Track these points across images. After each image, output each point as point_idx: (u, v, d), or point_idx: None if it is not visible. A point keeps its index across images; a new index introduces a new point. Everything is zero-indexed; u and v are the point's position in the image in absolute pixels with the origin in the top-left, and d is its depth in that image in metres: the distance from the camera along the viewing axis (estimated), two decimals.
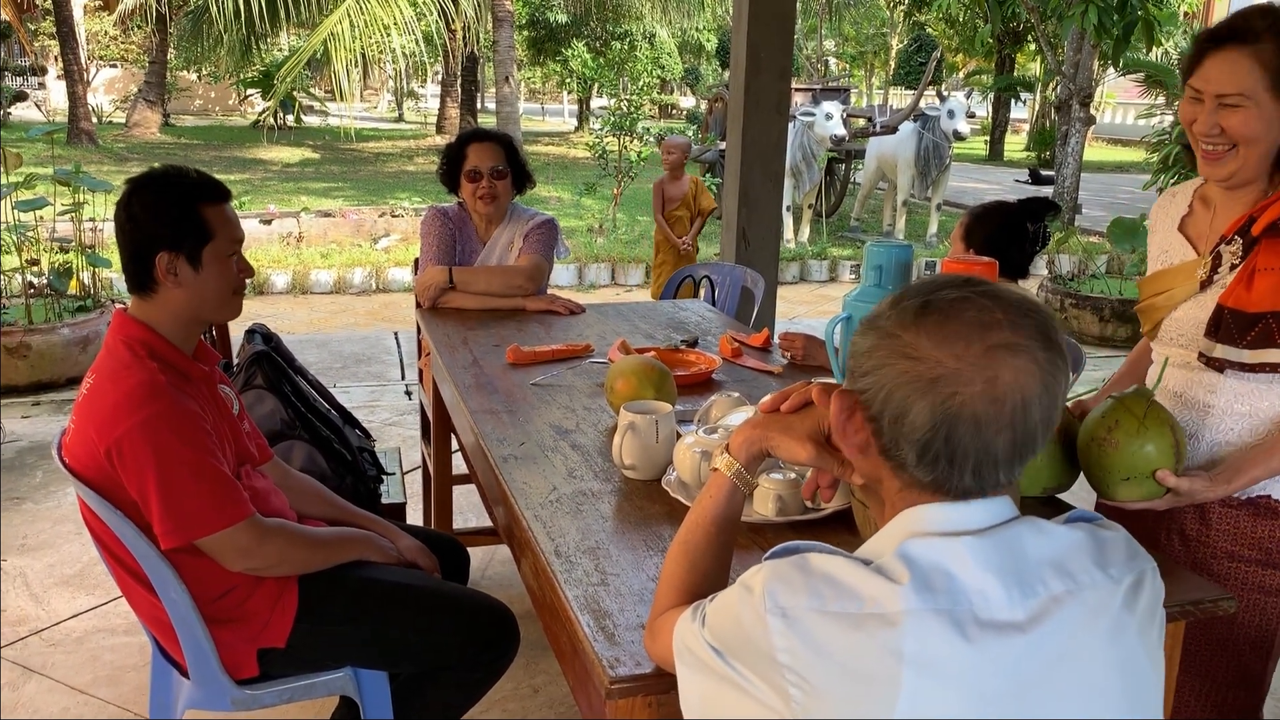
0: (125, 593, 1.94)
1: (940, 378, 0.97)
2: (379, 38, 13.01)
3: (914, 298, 1.03)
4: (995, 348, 0.97)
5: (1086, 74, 10.90)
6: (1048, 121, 20.61)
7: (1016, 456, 1.00)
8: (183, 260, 1.85)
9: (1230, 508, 1.74)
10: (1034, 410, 0.98)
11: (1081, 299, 6.83)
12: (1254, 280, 1.61)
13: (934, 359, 0.98)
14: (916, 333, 0.99)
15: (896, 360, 1.00)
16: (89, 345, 5.28)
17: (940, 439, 0.98)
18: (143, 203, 1.85)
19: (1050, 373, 0.98)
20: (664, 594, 1.25)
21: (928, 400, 0.98)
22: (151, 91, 19.37)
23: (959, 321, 0.98)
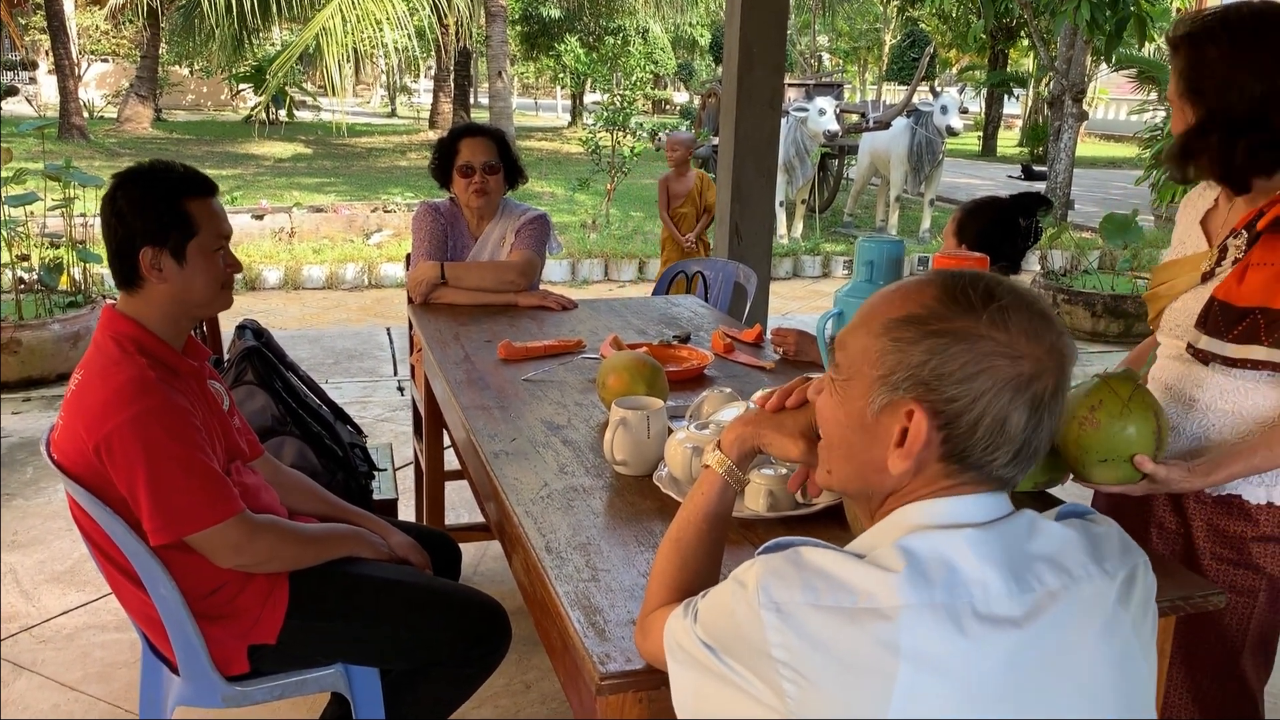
0: (115, 589, 1.94)
1: (1037, 374, 0.98)
2: (371, 32, 12.96)
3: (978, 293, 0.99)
4: (1061, 335, 1.01)
5: (1079, 70, 10.92)
6: (1040, 117, 20.64)
7: (1046, 447, 1.04)
8: (166, 255, 1.85)
9: (1203, 504, 1.74)
10: (1062, 401, 1.02)
11: (1074, 294, 6.84)
12: (1246, 275, 1.61)
13: (1028, 353, 0.98)
14: (1018, 330, 0.98)
15: (998, 360, 0.97)
16: (80, 341, 5.26)
17: (1032, 434, 0.99)
18: (127, 197, 1.84)
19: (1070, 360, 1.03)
20: (655, 591, 1.25)
21: (1023, 396, 0.98)
22: (143, 86, 19.29)
23: (1037, 312, 1.00)
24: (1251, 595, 1.72)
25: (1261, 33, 1.59)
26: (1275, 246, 1.59)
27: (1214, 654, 1.76)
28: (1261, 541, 1.71)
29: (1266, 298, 1.58)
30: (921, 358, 0.98)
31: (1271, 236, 1.60)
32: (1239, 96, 1.58)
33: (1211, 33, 1.61)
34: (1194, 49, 1.62)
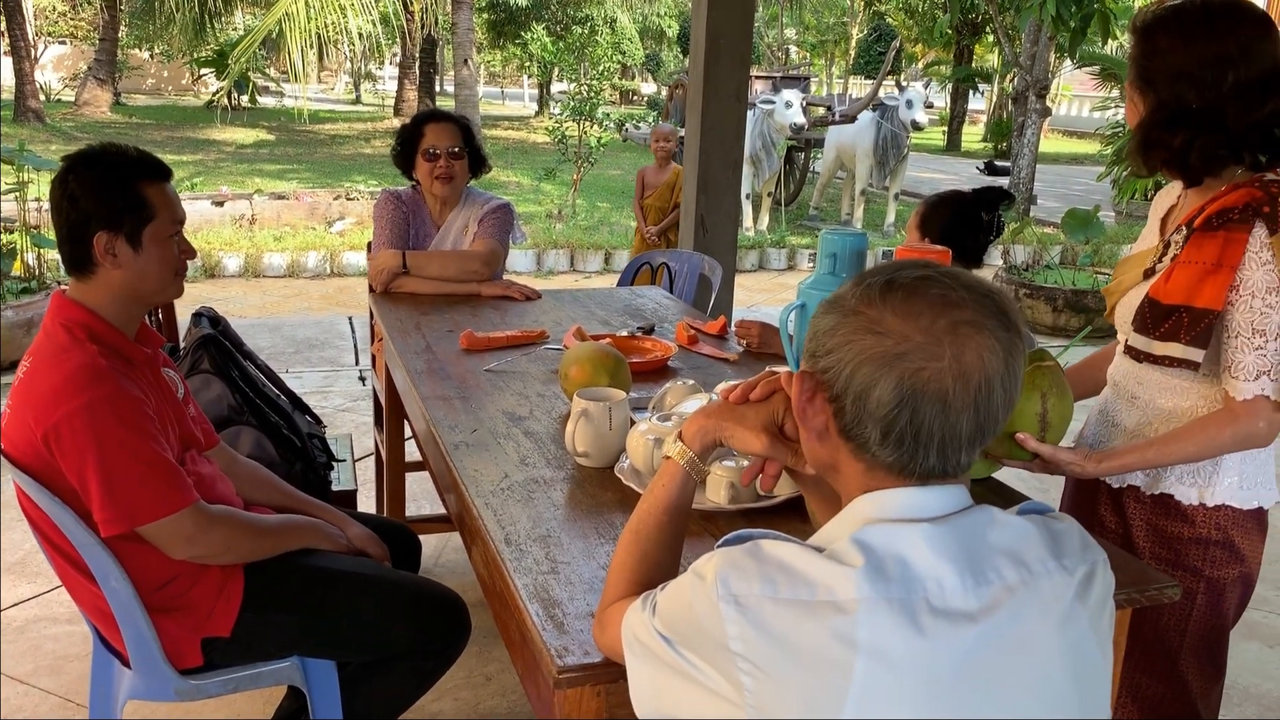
0: (65, 582, 1.90)
1: (906, 353, 0.97)
2: (335, 18, 12.81)
3: (877, 276, 1.02)
4: (960, 324, 0.97)
5: (1043, 66, 11.01)
6: (1005, 113, 20.81)
7: (979, 437, 1.00)
8: (122, 240, 1.80)
9: (1142, 504, 1.76)
10: (997, 391, 0.98)
11: (1035, 289, 6.91)
12: (1174, 272, 1.62)
13: (899, 334, 0.97)
14: (881, 309, 0.99)
15: (861, 336, 0.99)
16: (33, 328, 5.16)
17: (905, 416, 0.97)
18: (81, 181, 1.80)
19: (1011, 354, 0.99)
20: (613, 584, 1.24)
21: (893, 376, 0.97)
22: (102, 69, 18.96)
23: (924, 298, 0.98)
24: (1189, 597, 1.73)
25: (1215, 27, 1.58)
26: (1203, 245, 1.59)
27: (1152, 653, 1.78)
28: (1198, 544, 1.72)
29: (1189, 296, 1.59)
30: (812, 329, 1.05)
31: (1202, 235, 1.60)
32: (1190, 89, 1.58)
33: (1164, 22, 1.62)
34: (1146, 38, 1.63)
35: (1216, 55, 1.57)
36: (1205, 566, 1.73)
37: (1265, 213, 1.55)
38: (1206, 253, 1.58)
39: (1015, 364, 0.99)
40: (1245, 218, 1.56)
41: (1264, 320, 1.56)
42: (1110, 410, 1.83)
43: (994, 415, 0.99)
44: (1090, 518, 1.84)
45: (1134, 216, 11.49)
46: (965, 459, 1.01)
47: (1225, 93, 1.57)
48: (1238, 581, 1.75)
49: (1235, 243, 1.56)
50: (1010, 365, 0.99)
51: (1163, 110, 1.62)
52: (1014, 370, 0.99)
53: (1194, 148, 1.60)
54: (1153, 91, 1.63)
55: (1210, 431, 1.61)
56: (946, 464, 1.00)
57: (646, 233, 6.39)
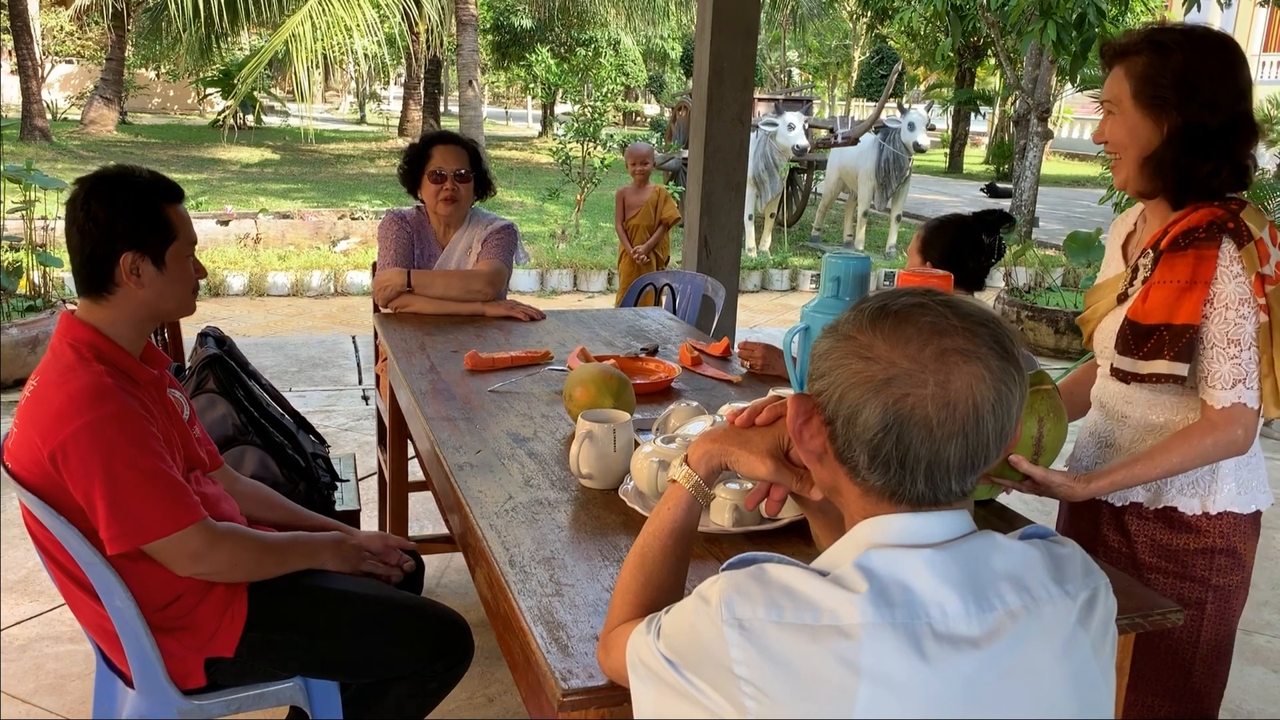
0: (69, 600, 1.90)
1: (893, 378, 0.98)
2: (341, 39, 12.90)
3: (872, 302, 1.04)
4: (949, 351, 0.97)
5: (1045, 89, 11.07)
6: (1006, 135, 20.89)
7: (969, 465, 1.00)
8: (147, 261, 1.83)
9: (1145, 520, 1.79)
10: (987, 419, 0.98)
11: (1037, 311, 6.92)
12: (1150, 293, 1.66)
13: (887, 359, 0.98)
14: (872, 334, 1.00)
15: (851, 360, 1.00)
16: (38, 346, 5.17)
17: (891, 441, 0.98)
18: (104, 202, 1.81)
19: (1005, 384, 0.98)
20: (618, 607, 1.24)
21: (880, 400, 0.98)
22: (108, 88, 19.07)
23: (914, 325, 0.99)
24: (1199, 607, 1.76)
25: (1233, 55, 1.63)
26: (1174, 264, 1.64)
27: (1165, 671, 1.79)
28: (1204, 554, 1.75)
29: (1168, 314, 1.63)
30: (811, 353, 1.07)
31: (1172, 255, 1.65)
32: (1209, 113, 1.61)
33: (1180, 43, 1.63)
34: (1161, 55, 1.63)
35: (1235, 82, 1.61)
36: (1212, 575, 1.75)
37: (1230, 228, 1.62)
38: (1179, 271, 1.63)
39: (1009, 394, 0.99)
40: (1212, 235, 1.62)
41: (1238, 330, 1.61)
42: (1102, 432, 1.85)
43: (984, 444, 0.99)
44: (1092, 538, 1.85)
45: None
46: (957, 486, 1.01)
47: (1233, 121, 1.61)
48: (1241, 586, 1.78)
49: (1206, 259, 1.62)
50: (1002, 395, 0.98)
51: (1187, 133, 1.63)
52: (1006, 400, 0.99)
53: (1221, 174, 1.63)
54: (1171, 112, 1.63)
55: (1192, 441, 1.65)
56: (936, 490, 1.00)
57: (635, 253, 6.38)
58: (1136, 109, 1.65)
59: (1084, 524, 1.90)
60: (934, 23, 18.00)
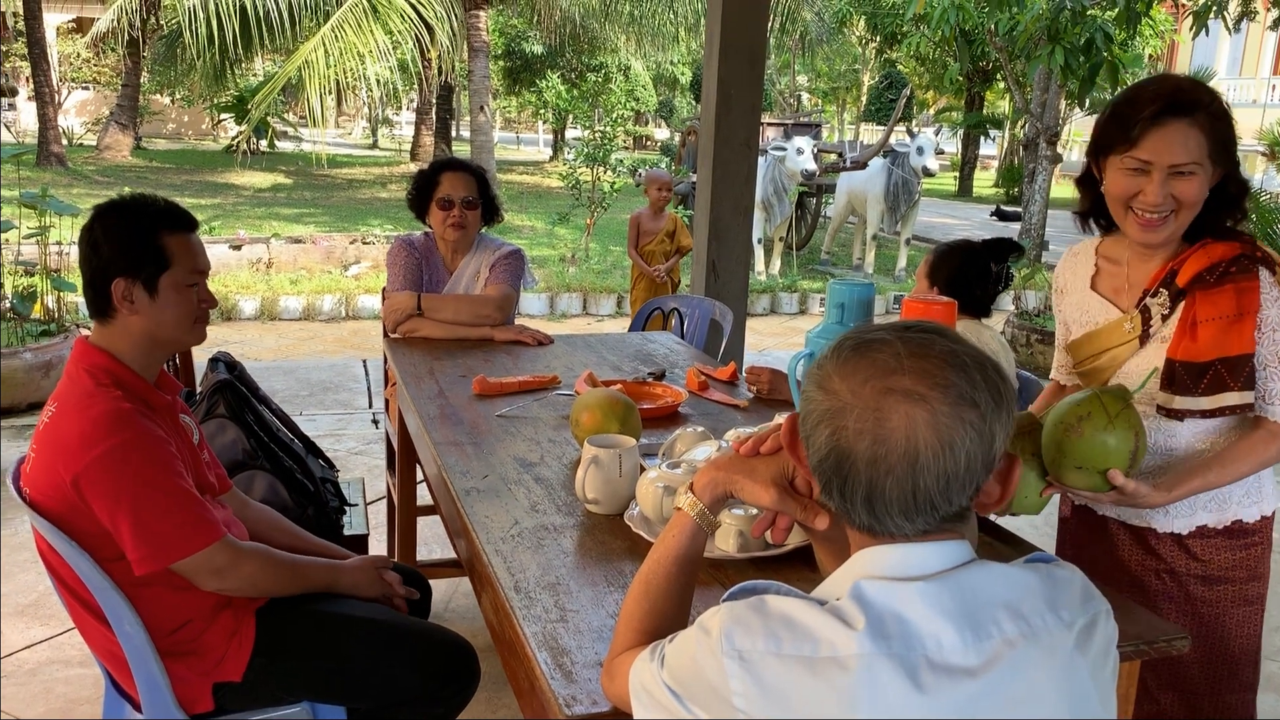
0: (79, 625, 1.91)
1: (836, 410, 1.00)
2: (354, 65, 13.00)
3: (853, 336, 1.06)
4: (891, 391, 0.98)
5: (1053, 113, 11.09)
6: (1015, 159, 20.92)
7: (913, 506, 0.99)
8: (139, 287, 1.84)
9: (1211, 538, 1.85)
10: (925, 461, 0.97)
11: (1047, 334, 6.90)
12: (1197, 332, 1.72)
13: (834, 391, 1.01)
14: (834, 365, 1.03)
15: (813, 389, 1.04)
16: (51, 370, 5.21)
17: (831, 468, 1.01)
18: (104, 228, 1.85)
19: (951, 429, 0.96)
20: (622, 634, 1.24)
21: (825, 429, 1.01)
22: (123, 114, 19.25)
23: (867, 360, 1.01)
24: (1261, 602, 1.88)
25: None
26: (1215, 300, 1.71)
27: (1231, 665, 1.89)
28: (1263, 551, 1.86)
29: (1221, 348, 1.70)
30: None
31: (1206, 292, 1.72)
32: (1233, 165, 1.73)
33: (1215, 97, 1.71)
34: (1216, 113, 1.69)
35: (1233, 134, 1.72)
36: (1266, 569, 1.88)
37: (1260, 257, 1.72)
38: (1223, 306, 1.71)
39: (957, 440, 0.97)
40: (1244, 267, 1.71)
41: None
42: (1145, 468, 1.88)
43: (927, 487, 0.98)
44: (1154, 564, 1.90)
45: None
46: (904, 523, 1.00)
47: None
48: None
49: (1248, 291, 1.70)
50: (947, 440, 0.96)
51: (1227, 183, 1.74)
52: (952, 446, 0.97)
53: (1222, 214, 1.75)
54: (1223, 164, 1.72)
55: (1258, 451, 1.75)
56: (880, 524, 1.01)
57: (655, 273, 6.39)
58: (1214, 169, 1.71)
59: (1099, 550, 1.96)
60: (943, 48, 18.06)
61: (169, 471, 1.77)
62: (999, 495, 1.06)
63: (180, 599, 1.84)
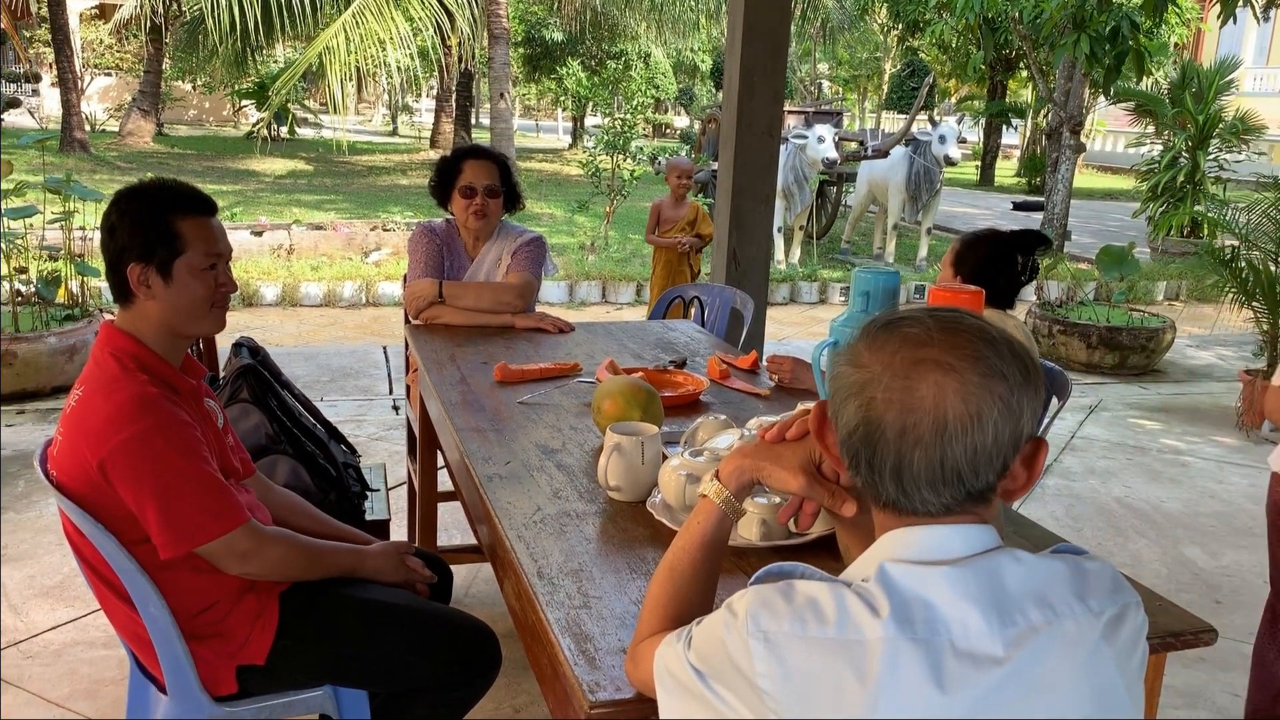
0: (104, 607, 1.93)
1: (867, 382, 1.01)
2: (374, 51, 13.02)
3: (881, 317, 1.07)
4: (922, 360, 0.99)
5: (1077, 102, 10.99)
6: (1038, 148, 20.75)
7: (940, 478, 0.99)
8: (153, 272, 1.85)
9: None
10: (954, 432, 0.97)
11: (1070, 325, 6.86)
12: None
13: (867, 365, 1.01)
14: (864, 342, 1.04)
15: (843, 366, 1.05)
16: (75, 354, 5.25)
17: (858, 440, 1.02)
18: (120, 213, 1.86)
19: (979, 399, 0.97)
20: (647, 620, 1.25)
21: (855, 401, 1.02)
22: (145, 101, 19.35)
23: (898, 335, 1.02)
24: None
25: None
26: None
27: None
28: None
29: None
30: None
31: None
32: None
33: None
34: None
35: None
36: None
37: None
38: None
39: (987, 411, 0.97)
40: None
41: None
42: None
43: (954, 458, 0.98)
44: None
45: (1169, 253, 11.39)
46: (931, 496, 1.00)
47: None
48: None
49: None
50: (978, 411, 0.97)
51: None
52: (985, 418, 0.97)
53: None
54: None
55: None
56: (909, 499, 1.01)
57: (679, 244, 6.28)
58: None
59: None
60: (966, 35, 17.94)
61: (194, 456, 1.78)
62: (1025, 480, 1.04)
63: (205, 582, 1.86)
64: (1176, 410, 6.05)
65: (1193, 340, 8.03)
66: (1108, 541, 4.06)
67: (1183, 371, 7.03)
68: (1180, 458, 5.15)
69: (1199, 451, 5.26)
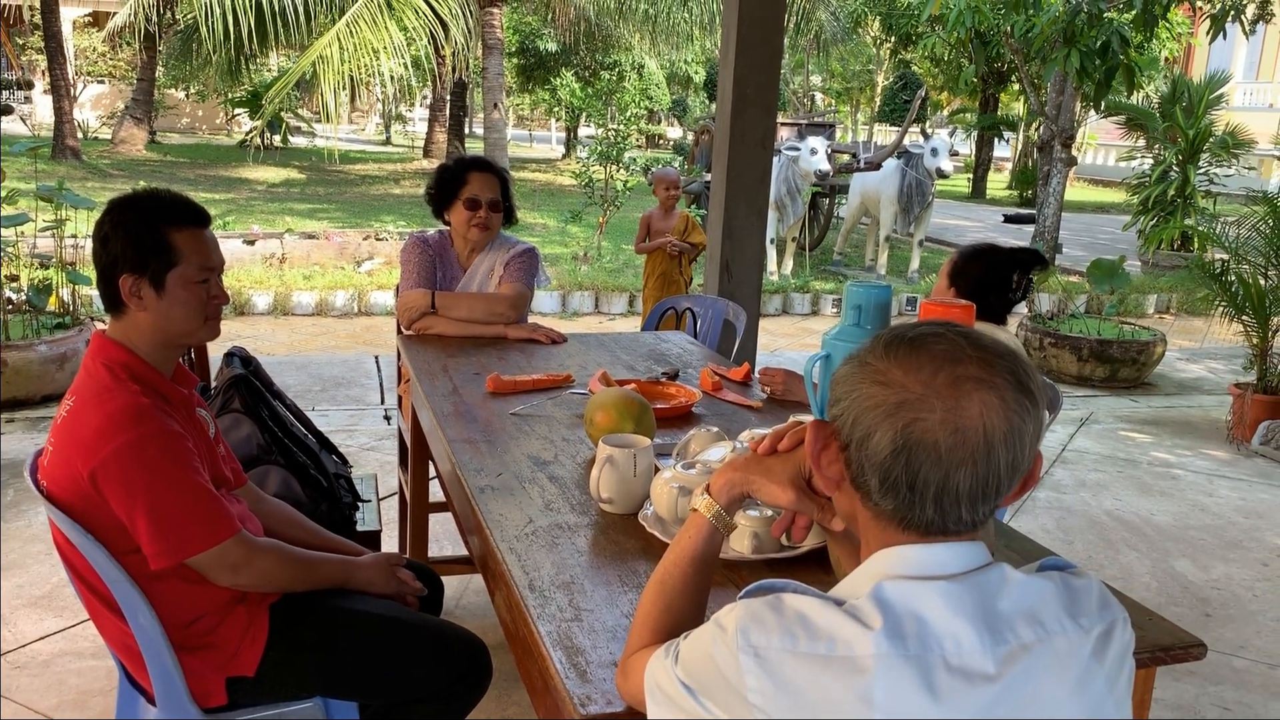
0: (94, 618, 1.92)
1: (905, 402, 0.99)
2: (368, 61, 13.03)
3: (891, 332, 1.05)
4: (962, 379, 0.98)
5: (1068, 115, 11.05)
6: (1030, 161, 20.85)
7: (980, 495, 1.00)
8: (146, 283, 1.85)
9: None
10: (998, 449, 0.98)
11: (1060, 338, 6.88)
12: None
13: (901, 384, 0.99)
14: (888, 360, 1.01)
15: (866, 385, 1.02)
16: (66, 363, 5.24)
17: (900, 465, 0.99)
18: (113, 223, 1.85)
19: (1018, 414, 0.99)
20: (638, 633, 1.25)
21: (891, 424, 0.99)
22: (138, 108, 19.34)
23: (929, 351, 1.00)
24: None
25: None
26: None
27: None
28: None
29: None
30: (831, 382, 1.08)
31: None
32: None
33: None
34: None
35: None
36: None
37: None
38: None
39: (1023, 425, 0.99)
40: None
41: None
42: None
43: (995, 473, 0.99)
44: None
45: (1160, 267, 11.44)
46: (967, 515, 1.01)
47: None
48: None
49: None
50: (1016, 426, 0.98)
51: None
52: (1019, 431, 0.99)
53: None
54: None
55: None
56: (945, 518, 1.01)
57: (670, 244, 6.25)
58: None
59: None
60: (958, 49, 18.01)
61: (185, 466, 1.78)
62: (1019, 491, 1.05)
63: (195, 593, 1.85)
64: (1167, 423, 6.07)
65: (1183, 353, 8.06)
66: (1098, 554, 4.07)
67: (1173, 384, 7.06)
68: (1170, 470, 5.16)
69: (1189, 464, 5.28)
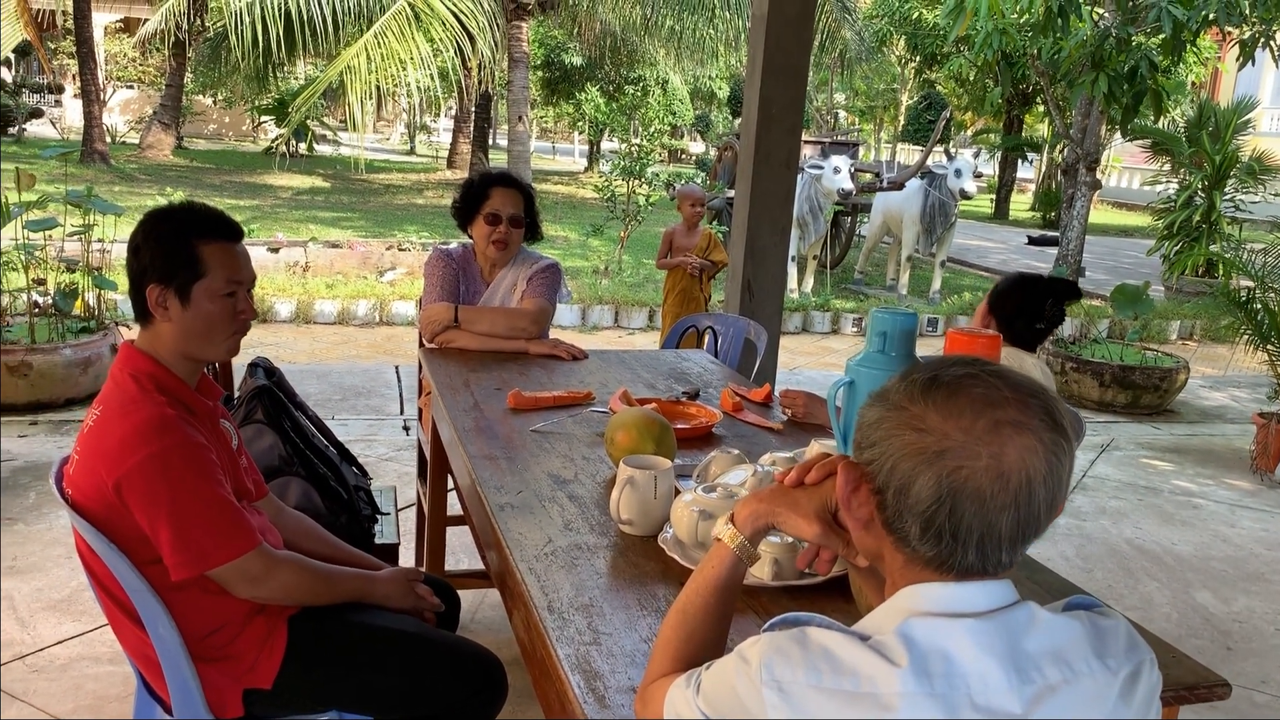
0: (113, 625, 1.93)
1: (946, 450, 0.98)
2: (395, 71, 13.13)
3: (922, 373, 1.04)
4: (1001, 424, 0.98)
5: (1094, 139, 11.00)
6: (1054, 183, 20.75)
7: (1020, 537, 1.00)
8: (172, 294, 1.86)
9: None
10: (1038, 491, 0.98)
11: (1083, 364, 6.84)
12: None
13: (940, 431, 0.98)
14: (925, 405, 1.00)
15: (904, 432, 1.01)
16: (90, 367, 5.28)
17: (944, 513, 0.98)
18: (145, 233, 1.88)
19: (1055, 455, 0.99)
20: (658, 660, 1.24)
21: (933, 472, 0.98)
22: (166, 114, 19.54)
23: (967, 396, 1.00)
24: None
25: None
26: None
27: None
28: None
29: None
30: (859, 421, 1.07)
31: None
32: None
33: None
34: None
35: None
36: None
37: None
38: None
39: (1059, 464, 0.99)
40: None
41: None
42: None
43: (1035, 515, 0.99)
44: None
45: (1184, 293, 11.37)
46: (1007, 557, 1.01)
47: None
48: None
49: None
50: (1054, 466, 0.99)
51: None
52: (1057, 471, 0.99)
53: None
54: None
55: None
56: (986, 562, 1.00)
57: (690, 264, 6.27)
58: None
59: None
60: (984, 70, 17.99)
61: (208, 479, 1.79)
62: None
63: (215, 604, 1.86)
64: (1189, 451, 6.02)
65: (1206, 381, 7.99)
66: (1118, 584, 4.03)
67: (1196, 412, 7.00)
68: (1192, 500, 5.12)
69: (1211, 494, 5.23)
